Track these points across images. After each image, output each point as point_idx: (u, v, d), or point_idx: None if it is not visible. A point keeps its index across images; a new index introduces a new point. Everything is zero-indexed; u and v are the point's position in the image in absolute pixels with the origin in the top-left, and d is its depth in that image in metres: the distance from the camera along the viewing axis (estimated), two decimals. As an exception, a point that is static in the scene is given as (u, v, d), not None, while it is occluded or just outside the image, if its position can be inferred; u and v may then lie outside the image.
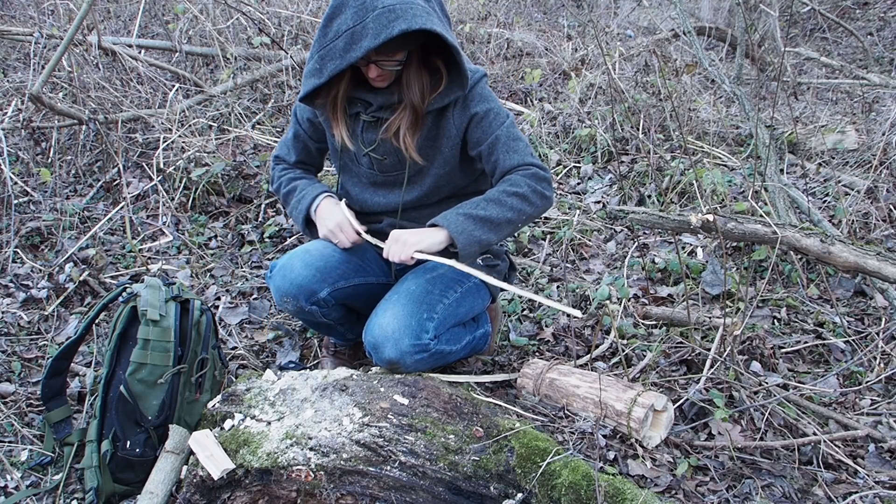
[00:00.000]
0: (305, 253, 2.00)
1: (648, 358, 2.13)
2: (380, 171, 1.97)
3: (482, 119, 1.86)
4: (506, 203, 1.81)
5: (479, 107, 1.86)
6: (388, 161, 1.93)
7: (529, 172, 1.85)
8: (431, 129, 1.88)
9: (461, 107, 1.86)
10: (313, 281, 1.95)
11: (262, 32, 4.34)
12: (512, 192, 1.82)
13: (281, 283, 1.96)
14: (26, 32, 3.82)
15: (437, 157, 1.92)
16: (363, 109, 1.88)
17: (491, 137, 1.86)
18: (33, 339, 2.46)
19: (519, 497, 1.55)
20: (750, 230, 2.06)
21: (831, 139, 3.51)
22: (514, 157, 1.85)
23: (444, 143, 1.90)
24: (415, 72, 1.77)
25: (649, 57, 4.31)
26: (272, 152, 2.29)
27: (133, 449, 1.79)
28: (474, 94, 1.86)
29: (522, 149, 1.87)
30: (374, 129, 1.90)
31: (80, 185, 3.51)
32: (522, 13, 5.93)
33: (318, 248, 2.02)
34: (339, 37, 1.65)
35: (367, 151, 1.93)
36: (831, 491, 1.68)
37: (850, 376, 2.12)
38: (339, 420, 1.67)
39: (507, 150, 1.85)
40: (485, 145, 1.87)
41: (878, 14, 5.85)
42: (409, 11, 1.60)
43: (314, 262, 1.97)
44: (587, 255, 2.98)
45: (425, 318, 1.87)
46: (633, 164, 3.53)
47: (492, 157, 1.87)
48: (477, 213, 1.80)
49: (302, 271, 1.95)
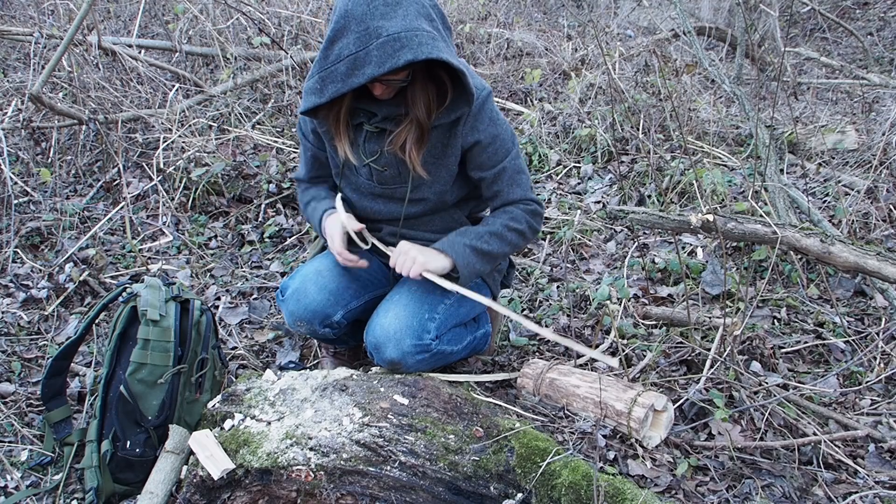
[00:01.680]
0: (318, 275, 1.99)
1: (648, 358, 2.13)
2: (378, 182, 1.93)
3: (489, 146, 1.86)
4: (506, 238, 1.91)
5: (487, 131, 1.85)
6: (388, 172, 1.90)
7: (530, 209, 1.94)
8: (436, 144, 1.85)
9: (470, 127, 1.83)
10: (327, 305, 1.96)
11: (262, 32, 4.34)
12: (513, 227, 1.91)
13: (295, 308, 1.96)
14: (26, 32, 3.82)
15: (441, 172, 1.90)
16: (366, 119, 1.85)
17: (497, 167, 1.89)
18: (33, 339, 2.46)
19: (519, 497, 1.55)
20: (750, 230, 2.06)
21: (831, 139, 3.51)
22: (518, 191, 1.93)
23: (449, 160, 1.88)
24: (420, 87, 1.75)
25: (649, 57, 4.31)
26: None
27: (133, 449, 1.79)
28: (483, 115, 1.84)
29: (524, 182, 1.94)
30: (376, 140, 1.87)
31: (80, 185, 3.51)
32: (522, 13, 5.93)
33: (328, 267, 2.02)
34: (340, 61, 1.61)
35: (368, 162, 1.90)
36: (831, 491, 1.68)
37: (850, 376, 2.12)
38: (339, 420, 1.67)
39: (512, 182, 1.92)
40: (489, 173, 1.90)
41: (878, 14, 5.85)
42: (414, 40, 1.57)
43: (328, 286, 1.97)
44: (587, 255, 2.98)
45: (427, 319, 1.87)
46: (633, 164, 3.53)
47: (494, 186, 1.93)
48: (481, 247, 1.87)
49: (316, 296, 1.95)
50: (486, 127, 1.85)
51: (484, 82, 1.87)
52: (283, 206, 3.40)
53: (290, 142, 3.74)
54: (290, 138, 3.82)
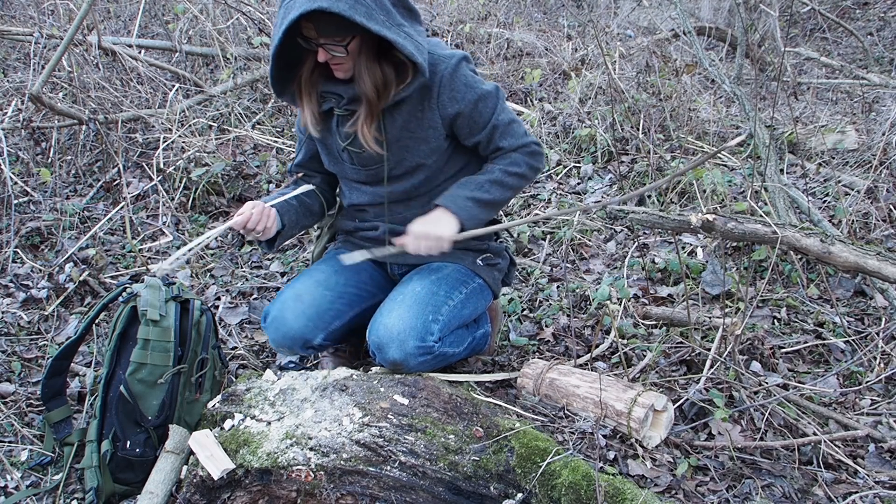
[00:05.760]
0: (297, 300, 1.98)
1: (648, 358, 2.13)
2: (360, 164, 1.95)
3: (472, 111, 1.87)
4: (506, 184, 1.93)
5: (465, 98, 1.86)
6: (367, 154, 1.92)
7: (528, 151, 1.96)
8: (409, 119, 1.86)
9: (448, 98, 1.84)
10: (305, 331, 1.96)
11: (262, 32, 4.34)
12: (513, 171, 1.93)
13: (275, 335, 1.99)
14: (26, 32, 3.82)
15: (418, 146, 1.91)
16: (336, 104, 1.88)
17: (488, 127, 1.91)
18: (33, 339, 2.46)
19: (519, 497, 1.55)
20: (750, 230, 2.06)
21: (831, 139, 3.50)
22: (512, 140, 1.95)
23: (427, 132, 1.89)
24: (366, 62, 1.76)
25: (649, 57, 4.31)
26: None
27: (133, 449, 1.79)
28: (457, 83, 1.85)
29: (518, 130, 1.96)
30: (347, 123, 1.89)
31: (80, 185, 3.51)
32: (522, 13, 5.93)
33: (309, 289, 2.01)
34: (280, 9, 1.67)
35: (345, 146, 1.93)
36: (831, 491, 1.68)
37: (850, 376, 2.12)
38: (339, 420, 1.67)
39: (506, 134, 1.94)
40: (482, 135, 1.93)
41: (878, 14, 5.84)
42: None
43: (305, 311, 1.97)
44: (587, 255, 2.98)
45: (430, 320, 1.88)
46: (633, 164, 3.53)
47: (491, 144, 1.95)
48: (482, 197, 1.88)
49: (294, 324, 1.95)
50: (464, 94, 1.86)
51: (454, 51, 1.89)
52: (283, 206, 3.40)
53: (290, 142, 3.74)
54: (291, 138, 3.82)
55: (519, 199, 3.43)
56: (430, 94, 1.84)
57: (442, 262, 2.05)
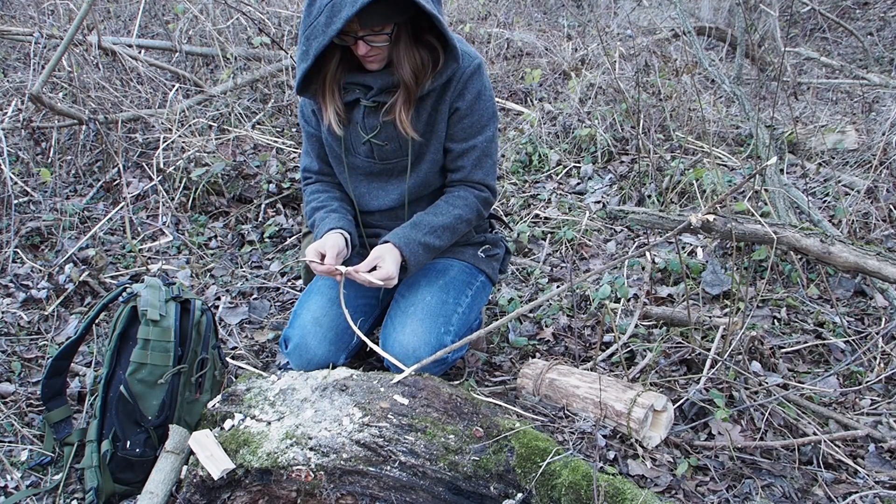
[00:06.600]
0: (316, 325, 1.97)
1: (648, 358, 2.13)
2: (379, 158, 1.94)
3: (466, 116, 1.87)
4: (456, 230, 1.95)
5: (470, 101, 1.86)
6: (390, 147, 1.90)
7: (483, 197, 1.98)
8: (431, 112, 1.86)
9: (458, 92, 1.85)
10: (329, 355, 1.97)
11: (262, 32, 4.34)
12: (465, 218, 1.95)
13: (299, 363, 1.99)
14: (26, 32, 3.82)
15: (434, 141, 1.91)
16: (363, 95, 1.85)
17: (468, 144, 1.91)
18: (33, 339, 2.46)
19: (519, 497, 1.55)
20: (750, 230, 2.06)
21: (831, 139, 3.50)
22: (479, 174, 1.96)
23: (440, 126, 1.89)
24: (405, 48, 1.75)
25: (649, 57, 4.31)
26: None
27: (133, 449, 1.79)
28: (472, 85, 1.85)
29: (489, 168, 1.97)
30: (375, 115, 1.87)
31: (80, 185, 3.51)
32: (522, 13, 5.93)
33: (325, 311, 1.99)
34: (321, 13, 1.63)
35: (369, 138, 1.90)
36: (831, 491, 1.68)
37: (850, 376, 2.12)
38: (339, 420, 1.67)
39: (477, 164, 1.95)
40: (458, 146, 1.92)
41: (878, 14, 5.84)
42: None
43: (326, 335, 1.96)
44: (587, 255, 2.98)
45: (443, 332, 1.89)
46: (633, 164, 3.53)
47: (459, 161, 1.94)
48: (433, 243, 1.90)
49: (318, 350, 1.96)
50: (472, 98, 1.86)
51: (476, 52, 1.89)
52: (283, 206, 3.40)
53: (290, 142, 3.74)
54: (290, 138, 3.82)
55: (519, 200, 3.44)
56: (449, 87, 1.84)
57: (446, 259, 2.05)
